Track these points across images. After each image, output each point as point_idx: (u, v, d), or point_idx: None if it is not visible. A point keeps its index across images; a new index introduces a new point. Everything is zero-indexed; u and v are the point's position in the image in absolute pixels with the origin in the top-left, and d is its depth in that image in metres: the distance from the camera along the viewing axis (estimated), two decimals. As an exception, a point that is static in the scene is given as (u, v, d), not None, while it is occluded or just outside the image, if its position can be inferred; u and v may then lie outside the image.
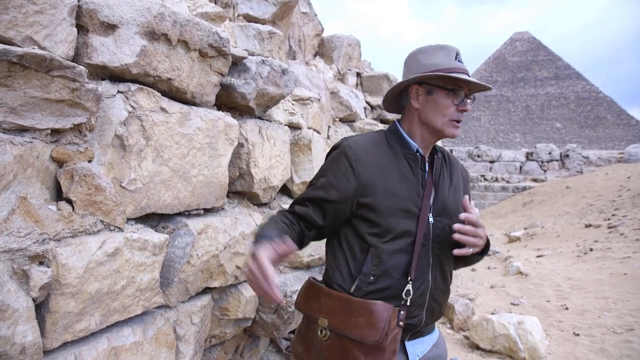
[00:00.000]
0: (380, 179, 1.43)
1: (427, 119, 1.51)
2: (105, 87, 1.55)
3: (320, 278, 1.63)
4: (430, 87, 1.49)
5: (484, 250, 1.53)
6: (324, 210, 1.45)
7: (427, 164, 1.54)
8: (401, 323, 1.35)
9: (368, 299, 1.37)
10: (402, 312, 1.36)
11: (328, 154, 1.56)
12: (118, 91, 1.57)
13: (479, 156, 23.00)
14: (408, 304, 1.38)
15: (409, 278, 1.39)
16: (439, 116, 1.48)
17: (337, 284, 1.44)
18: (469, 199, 1.55)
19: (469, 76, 1.48)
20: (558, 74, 48.38)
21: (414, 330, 1.46)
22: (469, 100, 1.51)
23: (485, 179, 21.75)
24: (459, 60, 1.49)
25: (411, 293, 1.38)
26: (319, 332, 1.40)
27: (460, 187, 1.64)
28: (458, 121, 1.51)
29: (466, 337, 4.32)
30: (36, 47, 1.30)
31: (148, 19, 1.60)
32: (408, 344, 1.45)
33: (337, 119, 5.22)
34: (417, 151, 1.52)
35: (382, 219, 1.39)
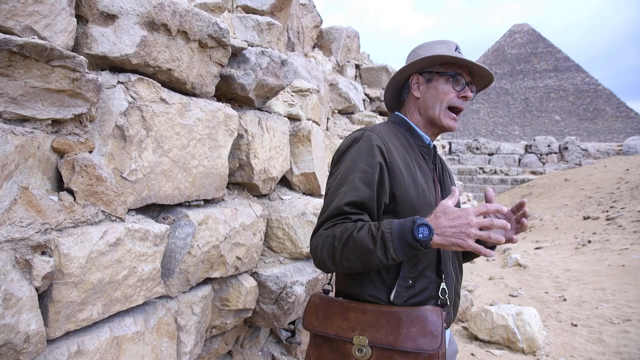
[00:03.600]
0: (406, 171, 1.36)
1: (426, 107, 1.49)
2: (105, 77, 1.54)
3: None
4: (431, 74, 1.48)
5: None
6: (371, 210, 1.31)
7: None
8: (445, 324, 1.28)
9: (409, 304, 1.30)
10: (444, 313, 1.29)
11: (346, 147, 1.41)
12: (118, 82, 1.57)
13: (477, 149, 23.01)
14: (448, 303, 1.34)
15: (442, 276, 1.35)
16: (438, 103, 1.46)
17: (370, 295, 1.33)
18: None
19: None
20: (557, 66, 48.29)
21: (446, 329, 1.42)
22: (471, 92, 1.50)
23: (484, 172, 21.77)
24: (459, 52, 1.49)
25: (447, 291, 1.34)
26: (356, 352, 1.27)
27: (454, 181, 1.66)
28: (456, 111, 1.49)
29: (465, 328, 4.35)
30: (36, 37, 1.29)
31: (148, 9, 1.59)
32: None
33: (336, 111, 5.21)
34: (429, 144, 1.51)
35: (411, 213, 1.30)
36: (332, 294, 1.50)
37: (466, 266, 7.48)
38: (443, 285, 1.33)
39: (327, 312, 1.37)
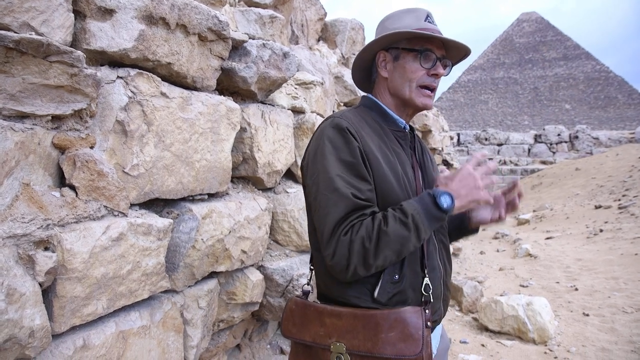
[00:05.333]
0: (384, 161, 1.26)
1: (395, 88, 1.36)
2: (104, 72, 1.54)
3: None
4: (397, 51, 1.35)
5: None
6: (374, 200, 1.23)
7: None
8: (429, 323, 1.19)
9: (394, 302, 1.21)
10: (427, 311, 1.20)
11: (318, 141, 1.28)
12: (118, 76, 1.57)
13: (486, 139, 22.83)
14: (431, 299, 1.24)
15: (425, 270, 1.26)
16: (407, 82, 1.33)
17: (353, 295, 1.23)
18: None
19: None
20: (567, 55, 47.67)
21: (435, 326, 1.34)
22: (445, 68, 1.37)
23: (493, 163, 21.58)
24: (429, 22, 1.34)
25: (431, 287, 1.24)
26: None
27: (435, 164, 1.57)
28: (429, 88, 1.35)
29: (475, 319, 4.33)
30: (33, 33, 1.29)
31: (145, 3, 1.59)
32: None
33: (342, 104, 5.18)
34: (405, 128, 1.41)
35: (392, 203, 1.23)
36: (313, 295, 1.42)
37: (476, 257, 7.44)
38: (426, 280, 1.24)
39: (303, 318, 1.29)
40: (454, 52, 1.39)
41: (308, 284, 1.44)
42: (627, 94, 42.34)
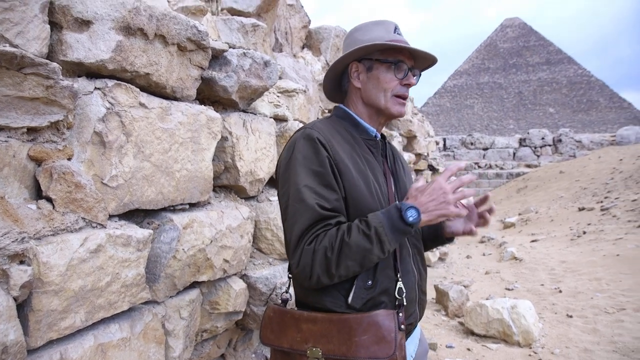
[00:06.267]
0: (355, 169, 1.30)
1: (370, 98, 1.41)
2: (81, 83, 1.53)
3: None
4: (371, 62, 1.39)
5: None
6: (343, 210, 1.27)
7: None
8: (402, 326, 1.22)
9: (368, 307, 1.25)
10: (401, 315, 1.23)
11: (290, 151, 1.31)
12: (95, 88, 1.56)
13: (472, 144, 23.07)
14: (405, 303, 1.27)
15: (398, 275, 1.29)
16: (381, 92, 1.38)
17: (328, 300, 1.27)
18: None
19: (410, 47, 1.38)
20: (550, 59, 48.47)
21: (411, 329, 1.38)
22: (414, 77, 1.42)
23: (479, 167, 21.82)
24: (398, 34, 1.39)
25: (404, 291, 1.28)
26: None
27: (409, 174, 1.60)
28: (403, 97, 1.40)
29: (461, 324, 4.36)
30: (7, 45, 1.28)
31: (123, 14, 1.59)
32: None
33: (326, 110, 5.21)
34: (376, 136, 1.44)
35: (364, 211, 1.26)
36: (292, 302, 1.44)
37: (462, 262, 7.49)
38: (400, 284, 1.27)
39: (281, 325, 1.31)
40: (421, 61, 1.45)
41: (287, 291, 1.45)
42: (609, 97, 43.18)
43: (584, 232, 8.24)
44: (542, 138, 22.13)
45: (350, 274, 1.21)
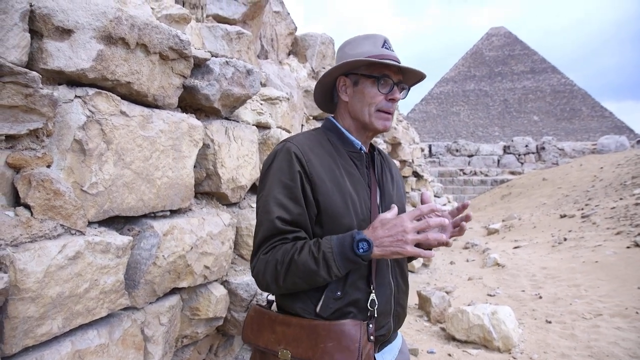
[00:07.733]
0: (331, 181, 1.32)
1: (355, 112, 1.43)
2: (62, 92, 1.55)
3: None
4: (357, 77, 1.41)
5: None
6: (305, 225, 1.30)
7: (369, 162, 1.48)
8: (372, 337, 1.26)
9: (336, 316, 1.27)
10: (371, 326, 1.26)
11: (269, 163, 1.37)
12: (75, 96, 1.58)
13: (457, 150, 23.30)
14: (376, 315, 1.30)
15: (372, 287, 1.31)
16: (366, 107, 1.40)
17: (299, 307, 1.31)
18: (404, 195, 1.56)
19: (399, 63, 1.40)
20: (534, 68, 49.28)
21: (383, 340, 1.40)
22: (401, 91, 1.43)
23: (464, 173, 22.04)
24: (386, 48, 1.41)
25: (376, 303, 1.30)
26: None
27: (400, 183, 1.61)
28: (387, 112, 1.42)
29: (443, 329, 4.41)
30: (-13, 53, 1.30)
31: (104, 23, 1.61)
32: (378, 356, 1.38)
33: (312, 117, 5.25)
34: (361, 149, 1.46)
35: (339, 225, 1.29)
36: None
37: (446, 268, 7.57)
38: (372, 296, 1.29)
39: (259, 325, 1.37)
40: (410, 76, 1.46)
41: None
42: (591, 106, 44.04)
43: (565, 239, 8.39)
44: (526, 146, 22.47)
45: (298, 288, 1.26)
